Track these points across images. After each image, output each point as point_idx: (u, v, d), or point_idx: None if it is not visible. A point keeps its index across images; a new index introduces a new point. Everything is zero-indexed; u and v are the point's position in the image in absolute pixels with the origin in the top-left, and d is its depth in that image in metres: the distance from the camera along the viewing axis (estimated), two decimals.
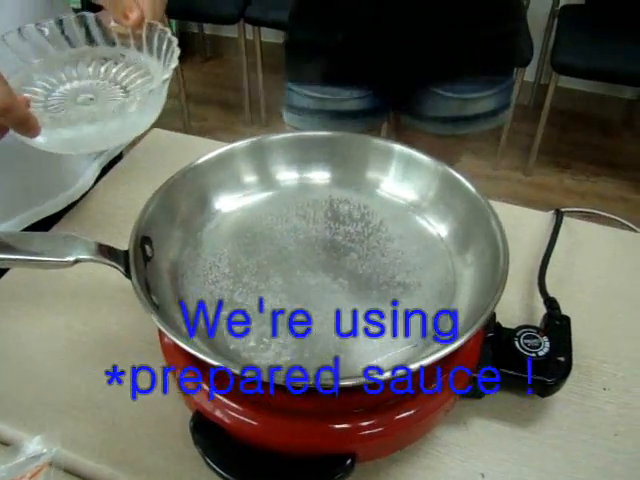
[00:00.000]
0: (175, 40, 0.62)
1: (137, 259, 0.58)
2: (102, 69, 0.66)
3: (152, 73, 0.65)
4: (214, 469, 0.54)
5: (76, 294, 0.78)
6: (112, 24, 0.64)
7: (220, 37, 3.45)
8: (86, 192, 0.95)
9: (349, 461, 0.55)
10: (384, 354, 0.59)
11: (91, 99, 0.62)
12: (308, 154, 0.76)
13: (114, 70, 0.66)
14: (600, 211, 0.97)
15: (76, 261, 0.56)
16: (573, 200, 2.54)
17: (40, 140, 0.56)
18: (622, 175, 2.70)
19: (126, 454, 0.62)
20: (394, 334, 0.61)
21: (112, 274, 0.71)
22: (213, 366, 0.49)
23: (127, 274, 0.57)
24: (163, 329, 0.51)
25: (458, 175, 0.69)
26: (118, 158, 1.04)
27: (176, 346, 0.60)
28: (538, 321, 0.71)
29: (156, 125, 0.98)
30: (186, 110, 2.92)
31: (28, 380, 0.69)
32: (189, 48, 3.45)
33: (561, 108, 2.81)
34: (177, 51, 0.61)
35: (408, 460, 0.62)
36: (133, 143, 1.02)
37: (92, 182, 0.97)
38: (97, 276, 0.80)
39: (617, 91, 2.92)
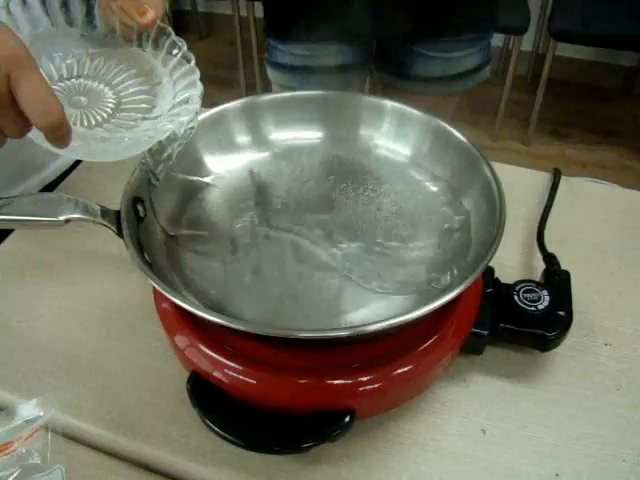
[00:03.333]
0: (193, 59, 0.60)
1: (129, 219, 0.57)
2: (93, 64, 0.61)
3: (146, 73, 0.61)
4: (213, 429, 0.53)
5: (70, 262, 0.78)
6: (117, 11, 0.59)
7: (214, 14, 3.42)
8: (63, 173, 0.93)
9: (348, 417, 0.54)
10: (380, 305, 0.58)
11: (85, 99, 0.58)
12: (300, 113, 0.75)
13: (105, 67, 0.60)
14: (601, 180, 0.96)
15: (67, 220, 0.55)
16: (573, 169, 2.53)
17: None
18: (622, 143, 2.68)
19: (124, 418, 0.62)
20: (391, 286, 0.60)
21: (109, 242, 0.71)
22: (209, 322, 0.48)
23: (119, 233, 0.56)
24: (156, 285, 0.50)
25: (451, 128, 0.69)
26: None
27: (171, 306, 0.59)
28: (537, 279, 0.70)
29: None
30: None
31: (23, 346, 0.68)
32: (183, 26, 3.43)
33: (559, 77, 2.78)
34: (197, 73, 0.60)
35: (406, 417, 0.62)
36: None
37: (70, 164, 0.95)
38: (93, 245, 0.80)
39: (615, 58, 2.89)
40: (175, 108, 0.58)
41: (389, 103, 0.73)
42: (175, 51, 0.60)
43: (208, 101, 0.64)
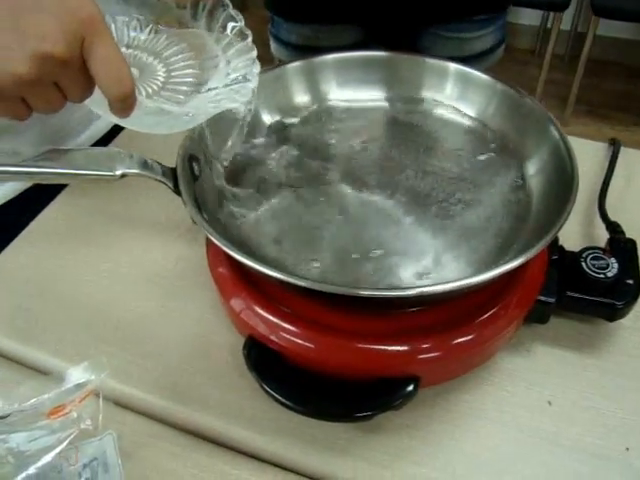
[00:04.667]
0: (250, 36, 0.57)
1: (185, 175, 0.55)
2: (143, 36, 0.58)
3: (197, 48, 0.58)
4: (271, 395, 0.52)
5: (117, 228, 0.76)
6: None
7: None
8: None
9: (412, 385, 0.52)
10: (446, 269, 0.56)
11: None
12: (362, 74, 0.73)
13: (155, 39, 0.58)
14: None
15: (123, 175, 0.53)
16: None
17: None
18: None
19: (176, 385, 0.60)
20: (456, 250, 0.57)
21: (154, 208, 0.69)
22: (269, 281, 0.46)
23: (176, 189, 0.54)
24: (218, 241, 0.48)
25: (516, 91, 0.67)
26: None
27: (227, 268, 0.57)
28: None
29: None
30: None
31: (71, 312, 0.67)
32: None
33: (598, 57, 2.72)
34: (254, 51, 0.57)
35: (468, 386, 0.60)
36: None
37: (106, 130, 0.93)
38: (139, 211, 0.78)
39: None
40: (231, 85, 0.56)
41: (452, 65, 0.71)
42: (231, 25, 0.57)
43: None
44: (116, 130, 0.91)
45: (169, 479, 0.54)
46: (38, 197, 0.78)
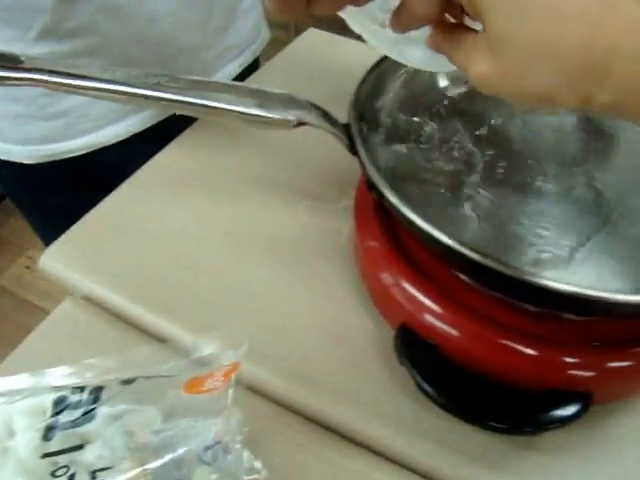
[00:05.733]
0: None
1: (360, 133, 0.49)
2: None
3: None
4: (425, 390, 0.46)
5: (236, 188, 0.69)
6: None
7: None
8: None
9: (582, 404, 0.46)
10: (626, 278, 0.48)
11: None
12: None
13: None
14: None
15: (299, 123, 0.47)
16: None
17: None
18: None
19: (305, 367, 0.53)
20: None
21: (273, 170, 0.67)
22: (448, 251, 0.39)
23: (352, 148, 0.48)
24: (399, 205, 0.42)
25: None
26: (256, 64, 0.96)
27: (383, 244, 0.51)
28: None
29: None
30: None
31: (185, 273, 0.61)
32: None
33: None
34: None
35: (628, 412, 0.53)
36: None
37: None
38: (257, 169, 0.71)
39: None
40: None
41: None
42: None
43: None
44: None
45: (296, 473, 0.48)
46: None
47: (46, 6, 0.63)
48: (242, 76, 0.90)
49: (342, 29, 0.50)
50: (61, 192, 0.81)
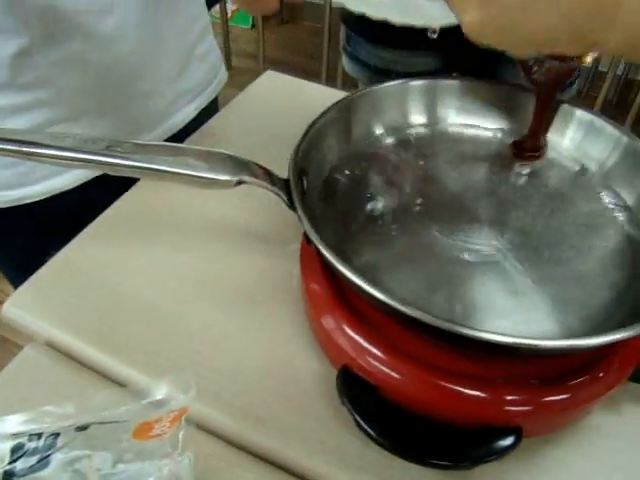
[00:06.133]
0: None
1: (298, 188, 0.52)
2: None
3: None
4: (364, 429, 0.48)
5: (194, 230, 0.73)
6: None
7: (296, 2, 3.37)
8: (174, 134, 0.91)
9: (514, 436, 0.49)
10: (553, 320, 0.52)
11: None
12: (481, 102, 0.70)
13: None
14: None
15: (240, 182, 0.50)
16: None
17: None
18: None
19: (253, 408, 0.56)
20: (564, 299, 0.54)
21: (230, 216, 0.70)
22: (384, 305, 0.43)
23: (290, 204, 0.51)
24: (332, 259, 0.45)
25: None
26: (213, 106, 1.00)
27: (325, 289, 0.54)
28: None
29: (230, 84, 0.93)
30: (262, 71, 2.84)
31: (141, 317, 0.63)
32: None
33: None
34: None
35: (559, 442, 0.56)
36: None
37: (182, 126, 0.93)
38: (213, 217, 0.75)
39: None
40: None
41: (578, 111, 0.67)
42: None
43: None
44: (191, 128, 0.89)
45: None
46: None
47: (4, 61, 0.67)
48: (200, 118, 0.93)
49: (300, 71, 0.54)
50: (25, 235, 0.84)
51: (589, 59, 0.56)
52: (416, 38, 0.99)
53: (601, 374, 0.52)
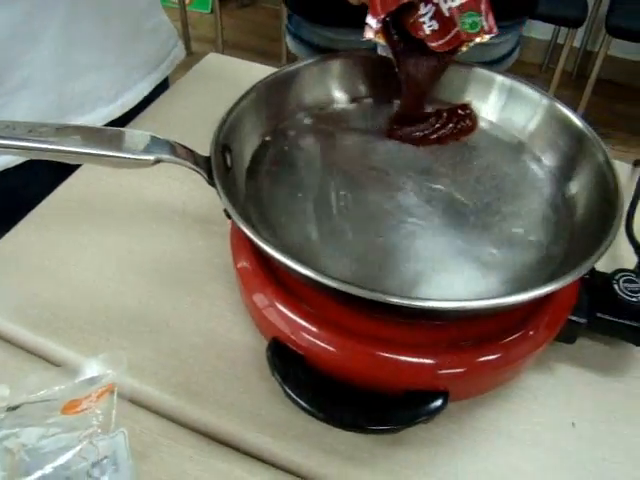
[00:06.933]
0: None
1: (219, 165, 0.53)
2: None
3: None
4: (294, 400, 0.50)
5: (131, 216, 0.73)
6: None
7: None
8: (130, 110, 0.91)
9: (441, 400, 0.51)
10: (480, 284, 0.54)
11: None
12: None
13: None
14: None
15: (157, 161, 0.51)
16: None
17: None
18: None
19: (191, 384, 0.58)
20: (490, 261, 0.55)
21: (168, 197, 0.71)
22: (302, 277, 0.44)
23: (210, 180, 0.52)
24: (251, 234, 0.46)
25: (564, 108, 0.65)
26: (163, 81, 0.99)
27: (254, 266, 0.55)
28: None
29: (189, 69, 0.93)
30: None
31: (81, 300, 0.64)
32: None
33: (605, 77, 2.72)
34: None
35: (492, 403, 0.58)
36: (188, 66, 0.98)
37: (137, 101, 0.92)
38: (154, 196, 0.76)
39: None
40: None
41: (499, 76, 0.69)
42: None
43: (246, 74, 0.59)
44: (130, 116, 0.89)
45: None
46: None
47: None
48: (153, 97, 0.93)
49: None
50: None
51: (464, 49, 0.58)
52: (356, 15, 1.00)
53: (531, 332, 0.54)
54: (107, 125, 0.87)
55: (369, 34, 0.59)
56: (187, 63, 1.02)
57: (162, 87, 0.97)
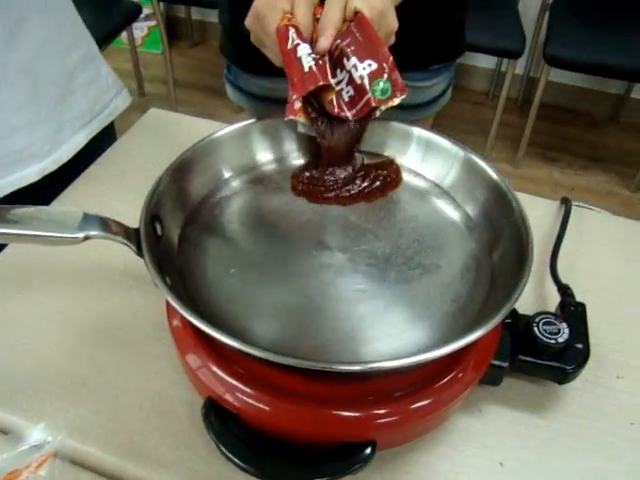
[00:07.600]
0: None
1: (148, 237, 0.55)
2: None
3: None
4: (228, 457, 0.52)
5: (73, 277, 0.76)
6: None
7: (207, 22, 3.40)
8: (65, 164, 0.91)
9: (369, 449, 0.53)
10: (403, 337, 0.56)
11: None
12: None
13: None
14: (589, 205, 0.95)
15: (86, 237, 0.53)
16: (561, 193, 2.53)
17: None
18: (609, 169, 2.71)
19: (132, 443, 0.60)
20: (411, 315, 0.58)
21: (113, 257, 0.70)
22: (228, 346, 0.46)
23: (139, 252, 0.54)
24: (178, 307, 0.49)
25: (480, 160, 0.68)
26: (111, 133, 1.01)
27: (187, 328, 0.58)
28: (551, 309, 0.69)
29: (142, 111, 0.96)
30: (173, 95, 2.88)
31: (24, 365, 0.66)
32: (176, 33, 3.41)
33: (550, 102, 2.81)
34: None
35: (423, 448, 0.61)
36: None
37: (72, 154, 0.93)
38: (97, 259, 0.78)
39: (604, 86, 2.92)
40: None
41: (416, 129, 0.73)
42: None
43: (199, 109, 0.62)
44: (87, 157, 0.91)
45: None
46: None
47: None
48: (94, 147, 0.95)
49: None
50: None
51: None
52: None
53: (440, 388, 0.56)
54: (43, 179, 0.88)
55: (290, 115, 0.62)
56: (141, 104, 1.04)
57: (107, 135, 0.99)
